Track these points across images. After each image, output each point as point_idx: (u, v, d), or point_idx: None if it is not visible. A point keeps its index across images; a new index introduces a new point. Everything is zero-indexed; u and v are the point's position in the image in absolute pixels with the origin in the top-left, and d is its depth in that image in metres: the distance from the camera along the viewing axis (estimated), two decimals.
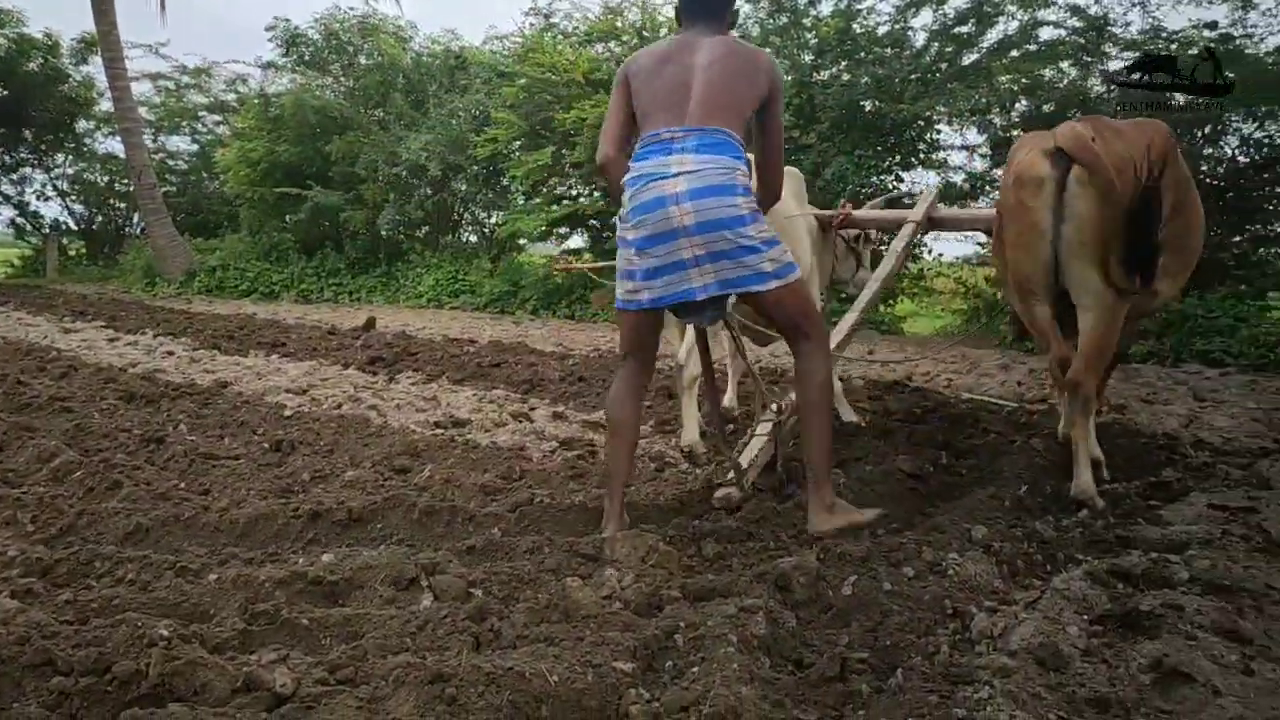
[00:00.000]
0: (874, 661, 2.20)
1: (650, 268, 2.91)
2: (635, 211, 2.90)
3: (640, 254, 2.91)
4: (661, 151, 2.88)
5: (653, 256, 2.89)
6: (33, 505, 3.34)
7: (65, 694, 2.00)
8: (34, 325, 10.32)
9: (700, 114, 2.89)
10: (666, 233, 2.84)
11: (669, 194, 2.82)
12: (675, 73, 2.95)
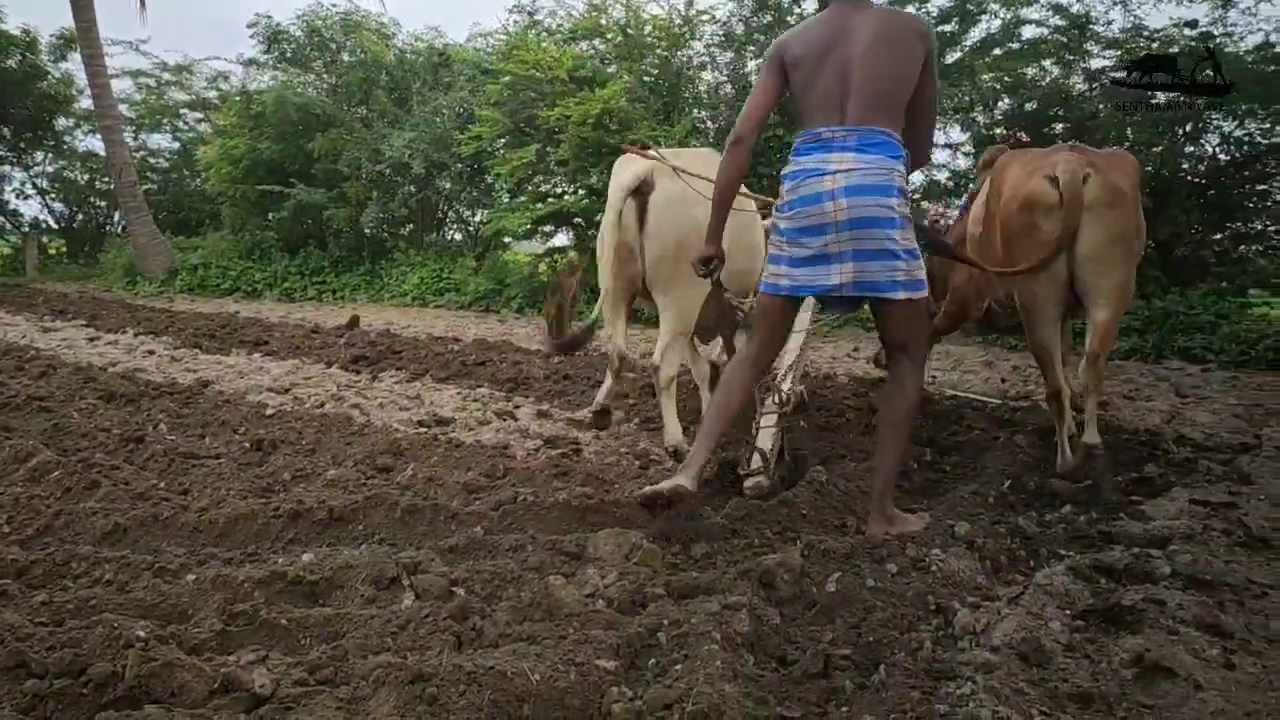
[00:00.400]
0: (857, 658, 2.20)
1: (798, 257, 3.01)
2: (794, 204, 2.99)
3: (791, 243, 3.02)
4: (822, 149, 2.95)
5: (803, 247, 2.99)
6: (9, 506, 3.30)
7: (40, 696, 1.97)
8: (12, 325, 10.21)
9: (861, 114, 2.92)
10: (818, 226, 2.94)
11: (826, 190, 2.90)
12: (834, 67, 2.94)
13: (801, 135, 3.03)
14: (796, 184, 2.99)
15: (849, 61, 2.94)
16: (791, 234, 3.01)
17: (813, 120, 2.99)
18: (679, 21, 12.70)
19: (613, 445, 4.66)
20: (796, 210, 2.99)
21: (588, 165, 11.89)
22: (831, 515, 3.27)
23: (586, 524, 3.26)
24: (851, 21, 2.99)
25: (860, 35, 2.94)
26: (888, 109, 2.95)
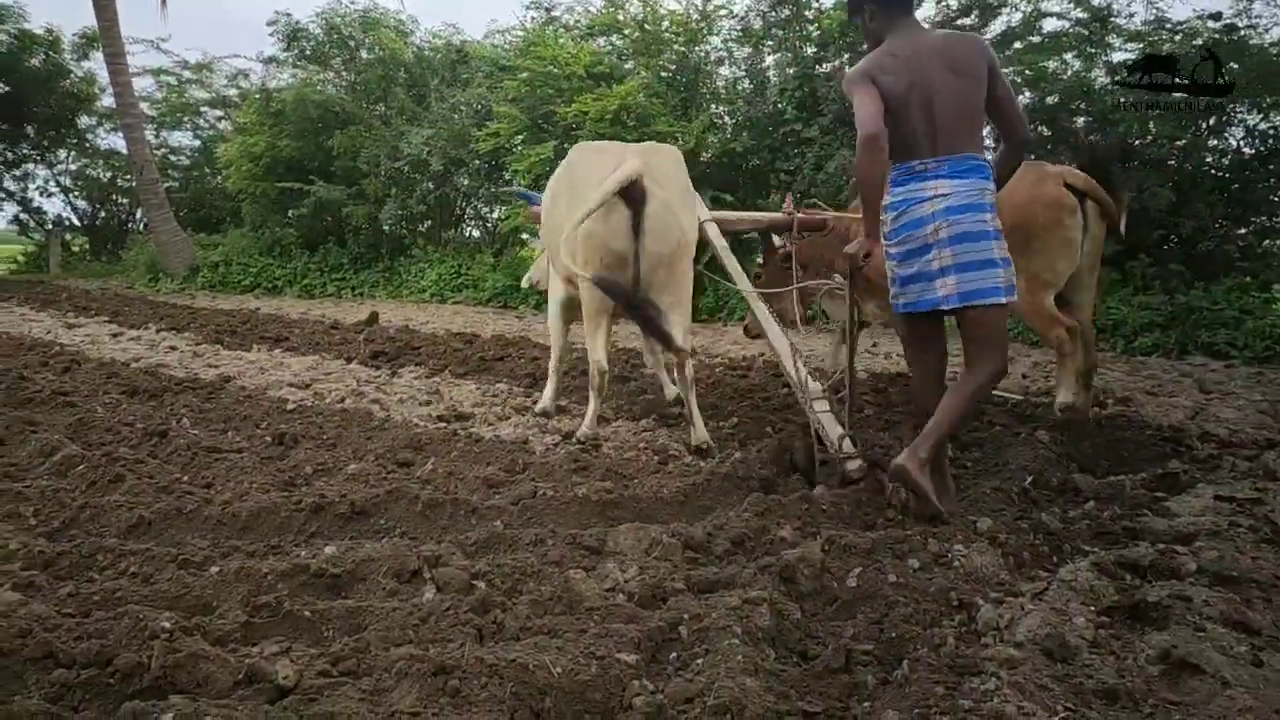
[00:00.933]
0: (879, 653, 2.19)
1: (905, 275, 3.30)
2: (898, 231, 3.28)
3: (900, 264, 3.32)
4: (917, 180, 3.22)
5: (909, 267, 3.28)
6: (35, 499, 3.33)
7: (67, 686, 2.00)
8: (37, 321, 10.33)
9: (948, 145, 3.18)
10: (922, 247, 3.22)
11: (927, 214, 3.19)
12: (918, 106, 3.17)
13: (895, 169, 3.27)
14: (899, 213, 3.26)
15: (930, 98, 3.17)
16: (899, 256, 3.30)
17: (903, 155, 3.25)
18: (696, 17, 12.67)
19: (632, 440, 4.66)
20: (902, 236, 3.26)
21: None
22: (852, 511, 3.26)
23: (606, 518, 3.26)
24: (921, 52, 3.20)
25: (934, 68, 3.17)
26: (970, 135, 3.22)
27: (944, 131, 3.17)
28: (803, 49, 11.78)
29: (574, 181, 4.35)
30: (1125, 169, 9.24)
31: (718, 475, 3.67)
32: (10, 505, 3.31)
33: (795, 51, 11.81)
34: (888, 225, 3.30)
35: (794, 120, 11.34)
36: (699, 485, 3.59)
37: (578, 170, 4.41)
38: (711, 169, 11.93)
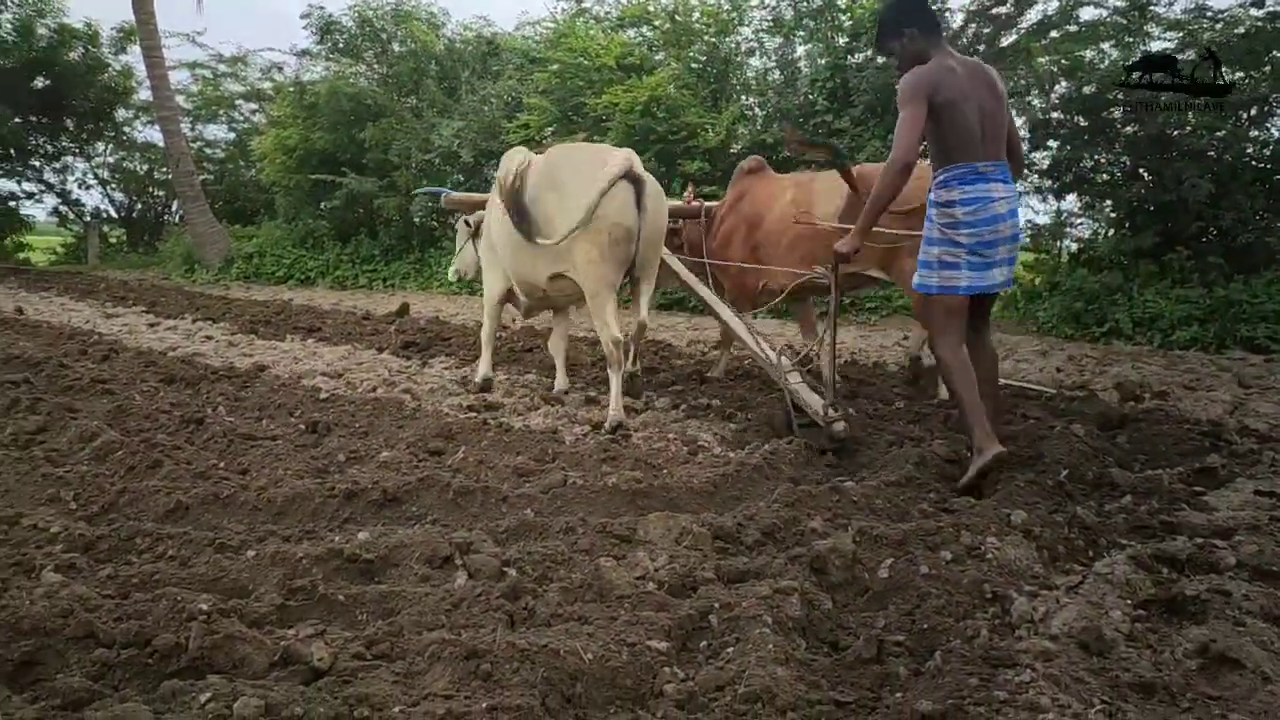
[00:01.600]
0: (911, 644, 2.18)
1: (977, 264, 3.64)
2: (976, 225, 3.60)
3: (972, 253, 3.64)
4: (983, 181, 3.60)
5: (979, 256, 3.63)
6: (76, 483, 3.40)
7: (107, 665, 2.04)
8: (76, 310, 10.51)
9: (995, 151, 3.64)
10: (994, 240, 3.62)
11: (1000, 213, 3.61)
12: (974, 112, 3.58)
13: (958, 168, 3.60)
14: (975, 209, 3.59)
15: (981, 108, 3.58)
16: (974, 247, 3.63)
17: (965, 156, 3.59)
18: (727, 7, 12.62)
19: (660, 430, 4.65)
20: (978, 230, 3.60)
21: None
22: (883, 502, 3.24)
23: (636, 507, 3.27)
24: (970, 69, 3.64)
25: (980, 84, 3.61)
26: (1002, 146, 3.68)
27: (992, 140, 3.61)
28: (834, 39, 11.69)
29: (559, 179, 4.62)
30: (1164, 159, 9.10)
31: (747, 466, 3.66)
32: (52, 490, 3.38)
33: (827, 42, 11.72)
34: (957, 217, 3.60)
35: (825, 111, 11.26)
36: (728, 476, 3.58)
37: (563, 168, 4.67)
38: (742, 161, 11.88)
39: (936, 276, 3.69)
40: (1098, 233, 10.59)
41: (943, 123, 3.55)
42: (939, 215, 3.66)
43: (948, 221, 3.63)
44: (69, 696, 1.83)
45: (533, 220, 4.62)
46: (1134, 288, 8.79)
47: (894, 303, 10.66)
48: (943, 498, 3.38)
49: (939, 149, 3.64)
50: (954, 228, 3.62)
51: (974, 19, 10.81)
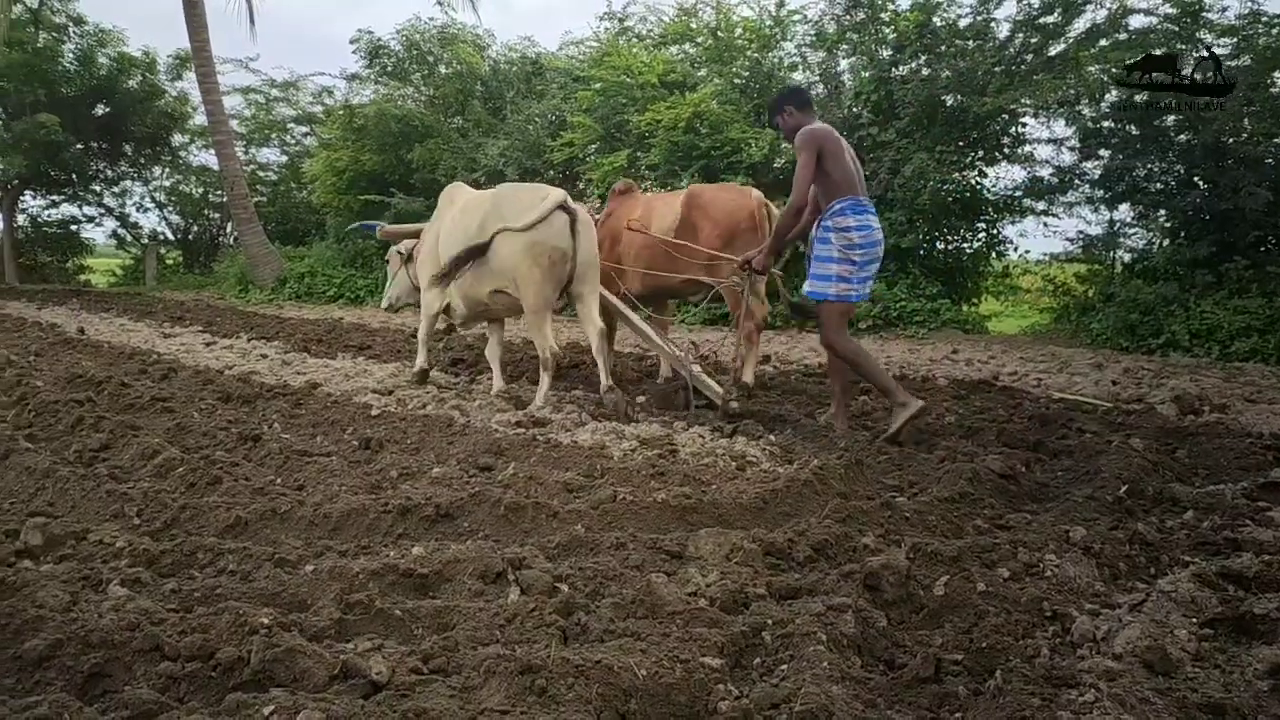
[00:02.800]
0: (969, 663, 2.14)
1: (861, 279, 4.68)
2: (865, 246, 4.61)
3: (861, 270, 4.65)
4: (868, 212, 4.65)
5: (864, 273, 4.67)
6: (138, 499, 3.49)
7: (173, 678, 2.08)
8: (135, 330, 10.80)
9: (864, 188, 4.74)
10: (874, 259, 4.70)
11: (880, 239, 4.70)
12: (848, 158, 4.68)
13: (847, 200, 4.60)
14: (866, 234, 4.60)
15: (851, 156, 4.72)
16: (863, 264, 4.64)
17: (849, 192, 4.61)
18: (769, 23, 12.63)
19: (709, 446, 4.65)
20: (867, 251, 4.62)
21: (678, 169, 11.92)
22: (936, 518, 3.19)
23: (685, 523, 3.26)
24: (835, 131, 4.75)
25: (844, 141, 4.75)
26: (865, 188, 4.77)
27: (860, 179, 4.72)
28: (878, 52, 11.64)
29: (504, 212, 5.43)
30: (1219, 167, 8.90)
31: (797, 482, 3.64)
32: (116, 505, 3.47)
33: (871, 55, 11.68)
34: (854, 240, 4.58)
35: (870, 124, 11.21)
36: (778, 491, 3.56)
37: (506, 202, 5.50)
38: (785, 176, 11.86)
39: (835, 288, 4.65)
40: (1152, 243, 10.39)
41: (828, 167, 4.58)
42: (837, 239, 4.60)
43: (846, 244, 4.59)
44: (138, 708, 1.88)
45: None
46: (1191, 299, 8.60)
47: (941, 316, 10.55)
48: (998, 514, 3.33)
49: (826, 187, 4.62)
50: (850, 248, 4.59)
51: (1020, 29, 10.69)
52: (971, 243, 11.82)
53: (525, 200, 5.42)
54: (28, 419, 4.98)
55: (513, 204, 5.43)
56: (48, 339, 9.54)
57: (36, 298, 16.49)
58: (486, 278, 5.55)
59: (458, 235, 5.68)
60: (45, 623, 2.20)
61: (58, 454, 4.23)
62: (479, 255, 5.46)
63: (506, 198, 5.57)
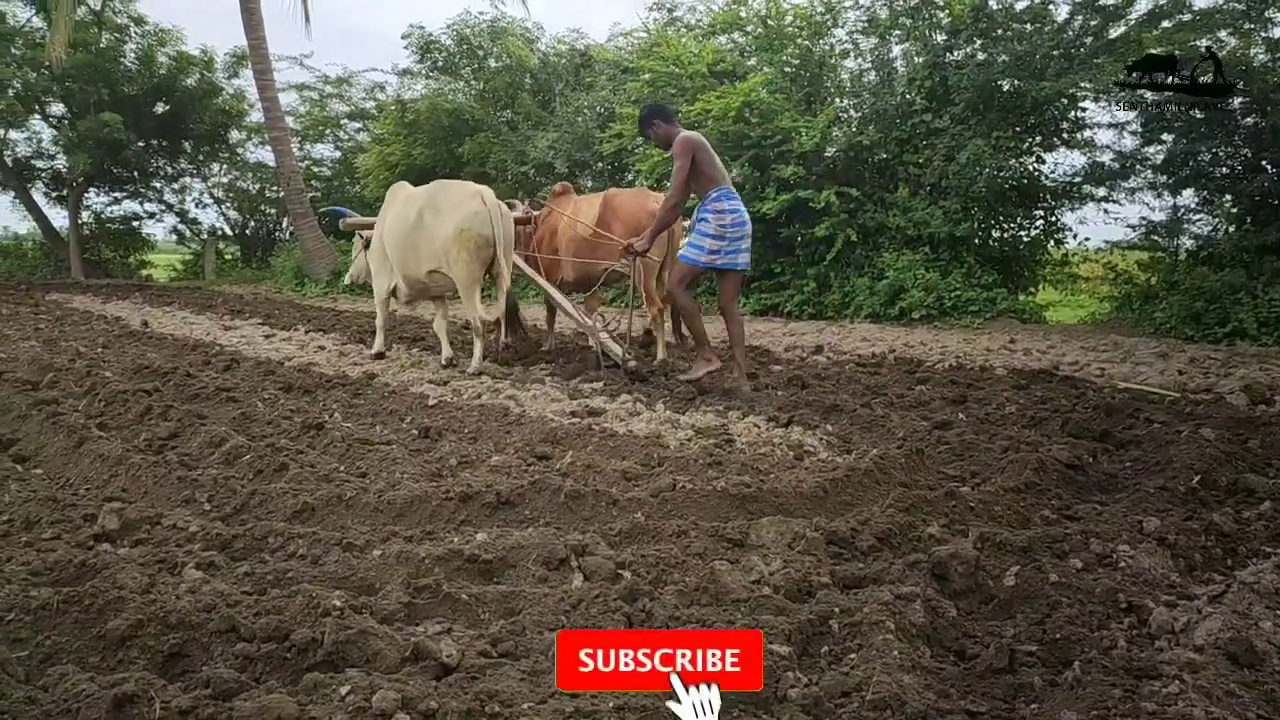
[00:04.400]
0: (1044, 654, 2.10)
1: (731, 250, 5.58)
2: (736, 224, 5.57)
3: (729, 244, 5.56)
4: (733, 198, 5.63)
5: (735, 245, 5.58)
6: (209, 485, 3.57)
7: (249, 658, 2.13)
8: (197, 323, 11.05)
9: (728, 180, 5.74)
10: (744, 235, 5.61)
11: (745, 219, 5.65)
12: (714, 156, 5.70)
13: (723, 189, 5.61)
14: (737, 215, 5.59)
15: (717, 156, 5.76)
16: (734, 239, 5.56)
17: (718, 183, 5.61)
18: (821, 10, 12.48)
19: (765, 435, 4.62)
20: (738, 228, 5.58)
21: (728, 159, 11.85)
22: (1002, 508, 3.14)
23: (746, 512, 3.25)
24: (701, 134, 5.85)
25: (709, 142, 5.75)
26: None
27: (724, 174, 5.72)
28: (932, 37, 11.44)
29: (439, 205, 6.54)
30: None
31: (857, 471, 3.60)
32: (187, 492, 3.56)
33: (924, 40, 11.48)
34: (726, 221, 5.52)
35: (924, 110, 11.04)
36: (838, 480, 3.53)
37: (439, 200, 6.59)
38: (837, 164, 11.74)
39: (704, 256, 5.59)
40: (1217, 229, 10.08)
41: (702, 167, 5.57)
42: (714, 219, 5.55)
43: (721, 224, 5.54)
44: (219, 686, 1.92)
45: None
46: (1258, 286, 8.33)
47: (997, 305, 10.36)
48: (1066, 504, 3.26)
49: (702, 183, 5.60)
50: (724, 227, 5.54)
51: (1080, 11, 10.43)
52: (1029, 230, 11.58)
53: (455, 196, 6.54)
54: (99, 408, 5.12)
55: (445, 198, 6.54)
56: (114, 332, 9.81)
57: (101, 292, 16.96)
58: (426, 260, 6.66)
59: (398, 226, 6.83)
60: (126, 604, 2.27)
61: (128, 442, 4.35)
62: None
63: (439, 193, 6.64)
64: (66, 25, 15.61)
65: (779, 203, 11.22)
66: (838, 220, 11.06)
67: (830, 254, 11.24)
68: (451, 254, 6.41)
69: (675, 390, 5.81)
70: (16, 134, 21.44)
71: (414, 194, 6.95)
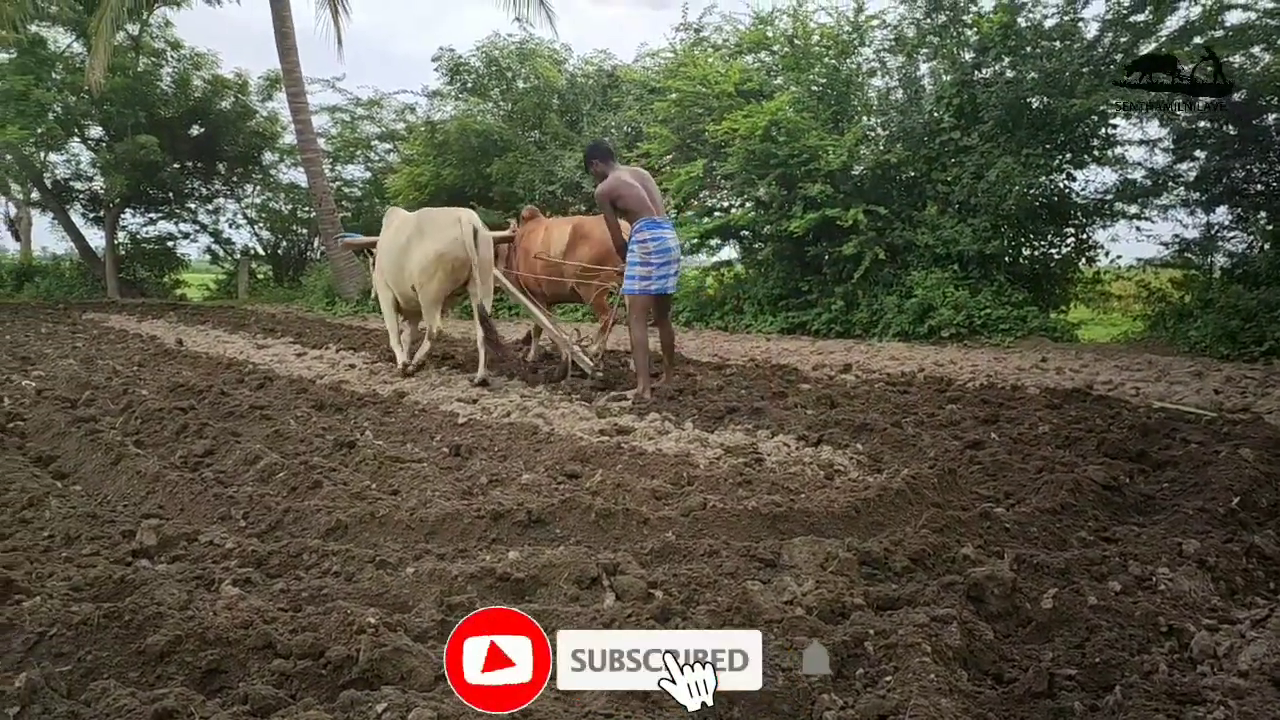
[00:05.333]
0: (1083, 679, 2.07)
1: (658, 276, 6.29)
2: (658, 251, 6.27)
3: (657, 269, 6.27)
4: (660, 226, 6.32)
5: (660, 271, 6.29)
6: (244, 502, 3.61)
7: (286, 675, 2.14)
8: (230, 342, 11.21)
9: (659, 210, 6.46)
10: (669, 262, 6.31)
11: (670, 246, 6.34)
12: (640, 192, 6.36)
13: (644, 220, 6.28)
14: (660, 243, 6.27)
15: (646, 188, 6.45)
16: (659, 265, 6.26)
17: (642, 214, 6.29)
18: (848, 29, 12.49)
19: (795, 454, 4.61)
20: (663, 254, 6.27)
21: (755, 178, 11.87)
22: (1038, 529, 3.11)
23: (777, 531, 3.24)
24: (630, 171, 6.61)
25: (641, 176, 6.57)
26: (662, 208, 6.57)
27: (656, 205, 6.42)
28: (960, 55, 11.42)
29: (425, 230, 7.28)
30: None
31: (889, 491, 3.58)
32: (222, 508, 3.61)
33: (952, 58, 11.46)
34: (649, 249, 6.23)
35: (952, 129, 11.01)
36: (870, 500, 3.51)
37: (425, 224, 7.35)
38: (864, 182, 11.72)
39: (639, 284, 6.28)
40: (1252, 246, 9.95)
41: (623, 205, 6.35)
42: (640, 249, 6.24)
43: (646, 252, 6.24)
44: (258, 703, 1.94)
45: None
46: None
47: (1028, 324, 10.27)
48: (1102, 526, 3.22)
49: (629, 216, 6.35)
50: (649, 254, 6.24)
51: (1110, 28, 10.37)
52: (1060, 248, 11.49)
53: (441, 221, 7.27)
54: (135, 426, 5.21)
55: (432, 224, 7.31)
56: (149, 350, 9.97)
57: (136, 311, 17.24)
58: (410, 277, 7.46)
59: (391, 247, 7.68)
60: (164, 620, 2.29)
61: (165, 459, 4.42)
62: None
63: (427, 220, 7.44)
64: (106, 50, 15.97)
65: (806, 221, 11.21)
66: (865, 238, 11.04)
67: (858, 272, 11.20)
68: (429, 273, 7.20)
69: (704, 408, 5.81)
70: (56, 156, 21.97)
71: (406, 218, 7.79)
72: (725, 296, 13.50)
